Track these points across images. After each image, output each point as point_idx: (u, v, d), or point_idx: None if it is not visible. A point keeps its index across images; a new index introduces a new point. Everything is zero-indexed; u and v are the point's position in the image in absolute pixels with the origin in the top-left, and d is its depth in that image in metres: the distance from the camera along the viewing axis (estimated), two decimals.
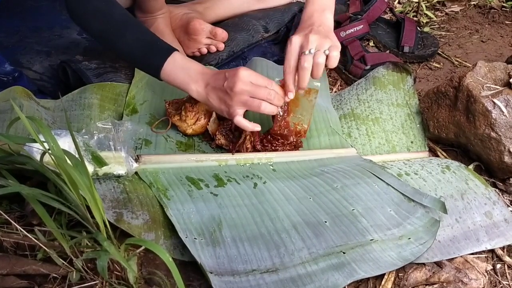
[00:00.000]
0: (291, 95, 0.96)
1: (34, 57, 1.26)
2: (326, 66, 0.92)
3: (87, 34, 1.03)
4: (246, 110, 0.97)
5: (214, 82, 0.96)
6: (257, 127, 0.98)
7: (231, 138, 1.03)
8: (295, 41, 0.93)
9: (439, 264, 0.86)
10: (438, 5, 1.67)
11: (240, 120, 0.96)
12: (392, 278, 0.84)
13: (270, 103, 0.95)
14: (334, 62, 0.91)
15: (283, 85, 0.97)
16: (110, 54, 1.27)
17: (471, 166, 1.07)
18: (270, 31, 1.39)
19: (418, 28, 1.48)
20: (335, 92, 1.30)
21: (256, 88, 0.94)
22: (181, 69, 0.97)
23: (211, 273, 0.76)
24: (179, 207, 0.88)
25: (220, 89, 0.95)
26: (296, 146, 1.06)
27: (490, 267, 0.89)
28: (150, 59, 0.98)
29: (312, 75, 0.92)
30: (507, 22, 1.61)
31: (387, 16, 1.57)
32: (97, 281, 0.74)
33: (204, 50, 1.31)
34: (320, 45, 0.91)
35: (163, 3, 1.30)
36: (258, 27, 1.38)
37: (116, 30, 0.98)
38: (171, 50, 0.98)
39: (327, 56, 0.91)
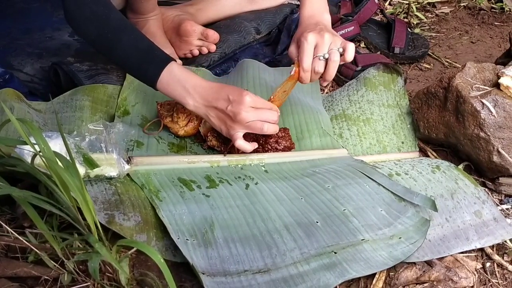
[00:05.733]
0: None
1: (25, 59, 1.25)
2: (343, 61, 0.96)
3: (83, 39, 1.01)
4: None
5: (216, 102, 0.95)
6: (255, 146, 1.00)
7: (222, 140, 1.04)
8: (311, 39, 0.93)
9: (429, 263, 0.87)
10: (428, 6, 1.68)
11: (241, 143, 0.97)
12: (383, 278, 0.84)
13: (273, 123, 0.98)
14: (352, 54, 0.95)
15: (296, 74, 0.97)
16: (102, 56, 1.27)
17: (461, 166, 1.08)
18: (262, 32, 1.39)
19: (409, 29, 1.49)
20: (326, 93, 1.31)
21: (259, 112, 0.95)
22: (177, 82, 0.95)
23: (203, 274, 0.77)
24: (171, 209, 0.88)
25: (223, 111, 0.95)
26: (289, 148, 1.07)
27: (479, 265, 0.90)
28: (146, 68, 0.96)
29: (326, 75, 0.96)
30: (496, 23, 1.62)
31: (378, 18, 1.58)
32: (89, 283, 0.74)
33: (196, 52, 1.31)
34: (334, 43, 0.94)
35: (155, 5, 1.30)
36: (249, 28, 1.38)
37: (113, 36, 0.96)
38: (168, 60, 0.96)
39: (341, 53, 0.94)
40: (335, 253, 0.83)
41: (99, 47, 1.00)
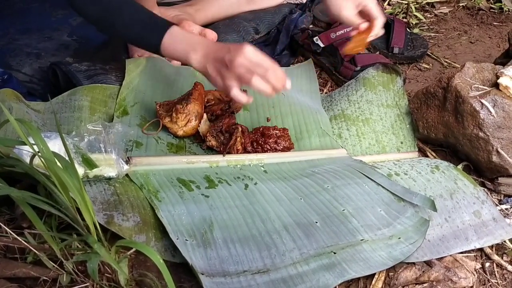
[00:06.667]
0: (288, 85, 0.95)
1: (23, 59, 1.25)
2: None
3: (86, 19, 1.04)
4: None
5: (216, 52, 0.95)
6: (251, 99, 0.97)
7: (221, 140, 1.04)
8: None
9: (428, 263, 0.87)
10: (427, 6, 1.68)
11: (236, 92, 0.94)
12: (383, 278, 0.84)
13: (266, 83, 0.93)
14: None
15: (361, 32, 1.12)
16: (101, 56, 1.27)
17: (460, 166, 1.08)
18: (261, 32, 1.39)
19: (408, 30, 1.49)
20: (326, 93, 1.31)
21: (255, 65, 0.92)
22: (180, 41, 0.98)
23: (203, 274, 0.77)
24: (170, 209, 0.88)
25: (220, 61, 0.94)
26: (288, 148, 1.07)
27: (479, 265, 0.90)
28: (149, 36, 0.99)
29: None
30: (495, 23, 1.62)
31: None
32: (88, 284, 0.74)
33: None
34: None
35: (154, 4, 1.30)
36: (248, 28, 1.38)
37: (114, 11, 0.99)
38: (169, 24, 0.99)
39: None
40: (335, 253, 0.83)
41: (102, 25, 1.03)
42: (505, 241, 0.93)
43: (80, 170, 0.87)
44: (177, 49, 0.98)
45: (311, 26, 1.48)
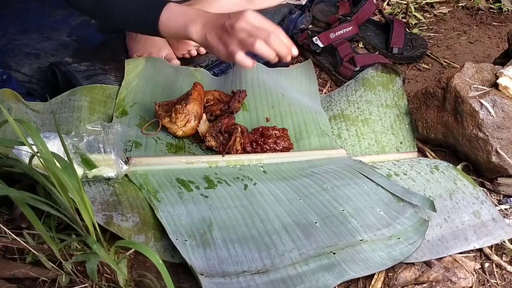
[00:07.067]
0: (295, 51, 0.92)
1: (22, 59, 1.25)
2: None
3: (80, 11, 1.04)
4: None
5: (215, 21, 0.93)
6: (255, 63, 0.94)
7: (221, 140, 1.03)
8: None
9: (428, 264, 0.87)
10: (426, 6, 1.68)
11: (241, 57, 0.90)
12: (382, 278, 0.84)
13: (269, 46, 0.90)
14: None
15: None
16: (100, 56, 1.27)
17: (459, 166, 1.08)
18: None
19: (407, 30, 1.49)
20: (325, 93, 1.30)
21: (256, 29, 0.90)
22: (178, 15, 0.95)
23: (202, 274, 0.76)
24: (169, 209, 0.88)
25: (221, 27, 0.91)
26: (287, 148, 1.07)
27: (478, 266, 0.90)
28: (145, 15, 0.97)
29: None
30: (494, 23, 1.62)
31: (376, 18, 1.58)
32: (87, 284, 0.74)
33: (194, 52, 1.30)
34: None
35: None
36: None
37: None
38: (165, 2, 0.97)
39: None
40: (334, 253, 0.83)
41: (97, 15, 1.02)
42: (504, 242, 0.93)
43: (79, 171, 0.87)
44: (176, 24, 0.94)
45: (310, 26, 1.48)
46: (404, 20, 1.59)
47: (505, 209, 1.01)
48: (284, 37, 0.92)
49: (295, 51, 0.93)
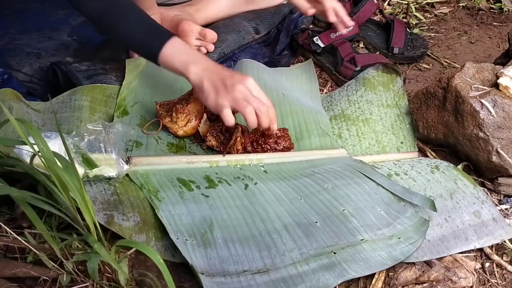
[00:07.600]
0: (274, 128, 0.99)
1: (23, 59, 1.25)
2: None
3: (84, 15, 1.03)
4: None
5: (215, 70, 0.97)
6: (234, 122, 0.98)
7: (221, 140, 1.04)
8: None
9: (428, 263, 0.87)
10: (427, 6, 1.68)
11: (228, 112, 0.95)
12: (383, 278, 0.84)
13: (257, 116, 0.96)
14: None
15: None
16: (101, 55, 1.27)
17: (460, 166, 1.08)
18: (261, 32, 1.39)
19: (408, 30, 1.49)
20: (326, 93, 1.31)
21: (252, 96, 0.96)
22: (180, 51, 0.98)
23: (203, 274, 0.77)
24: (170, 209, 0.88)
25: (222, 80, 0.95)
26: (288, 148, 1.07)
27: (479, 265, 0.90)
28: (151, 41, 0.98)
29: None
30: (495, 23, 1.62)
31: (377, 18, 1.58)
32: (88, 283, 0.74)
33: None
34: None
35: (153, 4, 1.30)
36: (248, 28, 1.38)
37: (119, 12, 0.99)
38: (172, 35, 0.99)
39: None
40: (335, 253, 0.83)
41: (102, 22, 1.02)
42: (505, 241, 0.93)
43: (80, 170, 0.87)
44: (177, 59, 0.97)
45: (311, 26, 1.48)
46: (404, 20, 1.59)
47: (506, 209, 1.01)
48: (272, 112, 0.98)
49: (274, 127, 1.00)
